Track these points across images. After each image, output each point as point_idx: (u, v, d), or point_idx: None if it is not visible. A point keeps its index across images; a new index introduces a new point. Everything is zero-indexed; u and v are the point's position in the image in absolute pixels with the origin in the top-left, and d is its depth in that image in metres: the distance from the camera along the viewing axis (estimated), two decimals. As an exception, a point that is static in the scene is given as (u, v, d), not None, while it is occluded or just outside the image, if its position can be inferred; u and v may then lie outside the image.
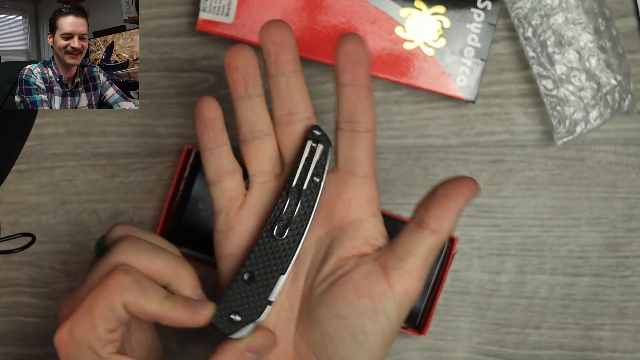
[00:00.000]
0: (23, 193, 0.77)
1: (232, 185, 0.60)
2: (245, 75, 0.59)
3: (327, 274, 0.59)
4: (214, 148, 0.60)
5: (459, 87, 0.73)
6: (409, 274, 0.58)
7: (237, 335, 0.59)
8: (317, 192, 0.59)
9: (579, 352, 0.76)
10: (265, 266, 0.59)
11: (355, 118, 0.59)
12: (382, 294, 0.58)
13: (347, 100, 0.59)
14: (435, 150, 0.76)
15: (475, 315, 0.76)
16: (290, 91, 0.59)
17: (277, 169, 0.61)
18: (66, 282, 0.77)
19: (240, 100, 0.60)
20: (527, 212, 0.76)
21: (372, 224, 0.60)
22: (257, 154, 0.60)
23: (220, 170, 0.60)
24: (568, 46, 0.73)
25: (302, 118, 0.60)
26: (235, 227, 0.61)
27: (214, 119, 0.59)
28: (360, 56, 0.58)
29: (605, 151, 0.75)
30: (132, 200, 0.76)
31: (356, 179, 0.60)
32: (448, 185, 0.57)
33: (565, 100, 0.73)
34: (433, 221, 0.57)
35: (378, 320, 0.58)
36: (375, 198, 0.60)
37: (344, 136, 0.59)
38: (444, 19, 0.73)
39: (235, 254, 0.61)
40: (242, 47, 0.59)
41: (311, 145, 0.59)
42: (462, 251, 0.76)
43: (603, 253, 0.76)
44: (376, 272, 0.58)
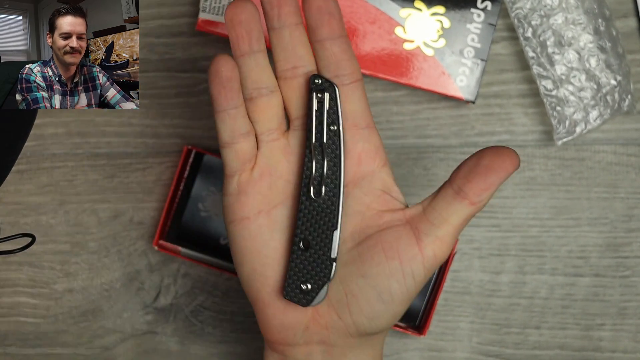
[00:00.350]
0: (23, 193, 0.77)
1: (247, 146, 0.59)
2: (249, 30, 0.57)
3: (351, 233, 0.60)
4: (230, 109, 0.58)
5: (458, 88, 0.73)
6: (440, 240, 0.58)
7: (314, 303, 0.59)
8: (339, 140, 0.58)
9: (579, 352, 0.76)
10: (316, 228, 0.59)
11: (343, 71, 0.58)
12: (412, 258, 0.58)
13: (330, 54, 0.58)
14: (436, 151, 0.76)
15: (475, 315, 0.76)
16: (294, 44, 0.58)
17: (283, 126, 0.60)
18: (66, 282, 0.77)
19: (245, 57, 0.58)
20: (527, 213, 0.76)
21: (385, 174, 0.60)
22: (264, 112, 0.59)
23: (236, 131, 0.59)
24: (568, 46, 0.73)
25: (307, 71, 0.59)
26: (248, 190, 0.59)
27: (231, 78, 0.57)
28: (332, 7, 0.58)
29: (605, 151, 0.75)
30: (132, 200, 0.76)
31: (361, 132, 0.59)
32: (492, 156, 0.57)
33: (565, 100, 0.73)
34: (474, 193, 0.57)
35: (405, 282, 0.58)
36: (381, 147, 0.60)
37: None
38: (443, 19, 0.73)
39: (248, 217, 0.60)
40: (243, 1, 0.57)
41: (317, 96, 0.58)
42: (462, 251, 0.76)
43: (603, 253, 0.76)
44: (407, 235, 0.58)
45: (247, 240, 0.60)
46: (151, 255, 0.76)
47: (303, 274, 0.59)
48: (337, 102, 0.58)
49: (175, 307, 0.76)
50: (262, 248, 0.60)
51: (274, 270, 0.60)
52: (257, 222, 0.60)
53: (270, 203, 0.60)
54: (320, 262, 0.59)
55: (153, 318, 0.77)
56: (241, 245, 0.60)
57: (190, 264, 0.76)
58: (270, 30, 0.58)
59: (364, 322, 0.59)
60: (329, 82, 0.58)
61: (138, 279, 0.76)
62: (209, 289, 0.77)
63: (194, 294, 0.76)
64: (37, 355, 0.77)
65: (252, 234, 0.60)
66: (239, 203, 0.60)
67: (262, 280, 0.60)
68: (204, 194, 0.75)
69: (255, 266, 0.60)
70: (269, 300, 0.60)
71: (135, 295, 0.77)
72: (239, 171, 0.59)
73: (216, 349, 0.76)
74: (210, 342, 0.76)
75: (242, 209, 0.60)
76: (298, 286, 0.59)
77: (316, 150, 0.59)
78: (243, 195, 0.59)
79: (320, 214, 0.59)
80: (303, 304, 0.59)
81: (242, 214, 0.60)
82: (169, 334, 0.77)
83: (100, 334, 0.77)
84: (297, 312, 0.60)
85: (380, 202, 0.60)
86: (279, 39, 0.58)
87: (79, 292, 0.77)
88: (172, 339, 0.77)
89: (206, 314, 0.76)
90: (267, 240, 0.60)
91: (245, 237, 0.60)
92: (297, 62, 0.59)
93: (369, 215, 0.60)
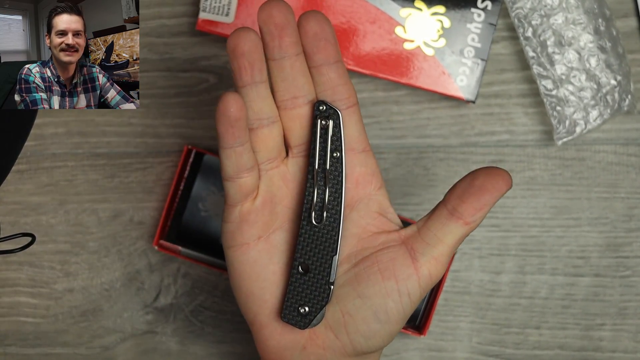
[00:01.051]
0: (23, 193, 0.77)
1: (250, 180, 0.59)
2: (252, 62, 0.57)
3: (348, 255, 0.60)
4: (237, 146, 0.58)
5: (459, 87, 0.73)
6: (436, 259, 0.59)
7: (311, 325, 0.59)
8: (341, 167, 0.59)
9: (579, 352, 0.76)
10: (316, 253, 0.59)
11: (339, 96, 0.59)
12: (407, 277, 0.59)
13: (327, 80, 0.58)
14: (436, 151, 0.76)
15: (475, 315, 0.76)
16: (294, 75, 0.58)
17: (283, 153, 0.60)
18: (66, 282, 0.77)
19: (247, 88, 0.58)
20: (528, 212, 0.76)
21: (381, 196, 0.60)
22: (265, 142, 0.59)
23: (241, 167, 0.59)
24: (568, 46, 0.73)
25: (306, 101, 0.59)
26: (250, 218, 0.60)
27: (239, 118, 0.57)
28: (328, 33, 0.58)
29: (605, 151, 0.75)
30: (132, 200, 0.76)
31: (358, 155, 0.60)
32: (485, 177, 0.58)
33: (565, 100, 0.73)
34: (468, 213, 0.58)
35: (401, 301, 0.59)
36: (377, 170, 0.60)
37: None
38: (444, 19, 0.73)
39: (247, 243, 0.60)
40: (246, 31, 0.57)
41: (322, 123, 0.59)
42: (462, 251, 0.76)
43: (603, 253, 0.76)
44: (403, 255, 0.59)
45: (245, 265, 0.60)
46: (151, 255, 0.76)
47: (301, 297, 0.59)
48: (341, 128, 0.59)
49: (175, 307, 0.76)
50: (261, 272, 0.60)
51: (271, 294, 0.60)
52: (256, 248, 0.60)
53: (270, 228, 0.60)
54: (318, 286, 0.59)
55: (153, 318, 0.77)
56: (240, 270, 0.60)
57: (190, 264, 0.76)
58: (270, 61, 0.58)
59: (360, 342, 0.59)
60: (332, 109, 0.59)
61: (138, 278, 0.76)
62: (209, 289, 0.76)
63: (194, 294, 0.76)
64: (37, 355, 0.77)
65: (251, 259, 0.60)
66: (240, 230, 0.60)
67: (260, 304, 0.60)
68: (204, 194, 0.75)
69: (253, 289, 0.60)
70: (266, 322, 0.60)
71: (135, 295, 0.77)
72: (241, 202, 0.60)
73: (216, 349, 0.76)
74: (210, 342, 0.76)
75: (242, 236, 0.60)
76: (296, 309, 0.59)
77: (318, 177, 0.59)
78: (245, 224, 0.60)
79: (320, 239, 0.59)
80: (301, 326, 0.59)
81: (242, 240, 0.60)
82: (169, 334, 0.77)
83: (100, 334, 0.77)
84: (294, 333, 0.60)
85: (377, 224, 0.60)
86: (280, 69, 0.58)
87: (79, 292, 0.77)
88: (172, 339, 0.77)
89: (206, 314, 0.76)
90: (266, 265, 0.60)
91: (244, 262, 0.60)
92: (297, 92, 0.59)
93: (365, 237, 0.60)
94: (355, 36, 0.73)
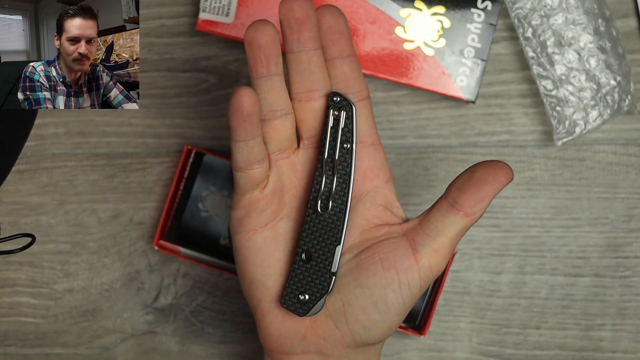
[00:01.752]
0: (23, 193, 0.77)
1: (261, 171, 0.60)
2: (268, 54, 0.57)
3: (350, 246, 0.61)
4: (248, 140, 0.58)
5: (459, 87, 0.73)
6: (436, 251, 0.59)
7: (310, 313, 0.60)
8: (350, 158, 0.59)
9: (579, 352, 0.76)
10: (319, 241, 0.60)
11: (351, 89, 0.59)
12: (408, 268, 0.59)
13: (340, 73, 0.59)
14: (436, 151, 0.76)
15: (475, 315, 0.76)
16: (311, 68, 0.59)
17: (294, 144, 0.61)
18: (66, 282, 0.77)
19: (261, 79, 0.58)
20: (527, 213, 0.76)
21: (388, 190, 0.61)
22: (277, 133, 0.59)
23: (252, 159, 0.59)
24: (568, 46, 0.73)
25: (321, 95, 0.59)
26: (258, 206, 0.60)
27: (252, 113, 0.57)
28: (342, 27, 0.58)
29: (605, 151, 0.75)
30: (132, 200, 0.76)
31: (367, 148, 0.60)
32: (484, 169, 0.58)
33: (565, 100, 0.73)
34: (468, 205, 0.58)
35: (401, 292, 0.59)
36: (385, 164, 0.61)
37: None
38: (444, 19, 0.73)
39: (254, 229, 0.61)
40: (263, 24, 0.57)
41: (334, 113, 0.59)
42: (462, 251, 0.76)
43: (603, 253, 0.76)
44: (404, 246, 0.59)
45: (251, 251, 0.61)
46: (151, 255, 0.76)
47: (302, 285, 0.60)
48: (353, 120, 0.59)
49: (175, 307, 0.76)
50: (265, 259, 0.61)
51: (275, 280, 0.61)
52: (262, 235, 0.61)
53: (277, 216, 0.61)
54: (320, 275, 0.60)
55: (153, 318, 0.77)
56: (245, 256, 0.61)
57: (190, 264, 0.76)
58: (287, 53, 0.59)
59: (360, 332, 0.60)
60: (346, 101, 0.59)
61: (138, 279, 0.76)
62: (209, 289, 0.76)
63: (194, 294, 0.76)
64: (37, 355, 0.77)
65: (256, 246, 0.61)
66: (248, 217, 0.61)
67: (263, 290, 0.61)
68: (204, 194, 0.75)
69: (257, 276, 0.61)
70: (268, 308, 0.61)
71: (135, 295, 0.77)
72: (250, 190, 0.60)
73: (216, 349, 0.76)
74: (210, 342, 0.76)
75: (250, 223, 0.61)
76: (296, 296, 0.60)
77: (327, 166, 0.59)
78: (253, 211, 0.61)
79: (325, 228, 0.60)
80: (299, 313, 0.60)
81: (250, 227, 0.61)
82: (169, 334, 0.77)
83: (100, 334, 0.77)
84: (295, 321, 0.61)
85: (381, 217, 0.61)
86: (297, 62, 0.59)
87: (79, 292, 0.77)
88: (172, 339, 0.77)
89: (206, 314, 0.76)
90: (271, 252, 0.61)
91: (250, 249, 0.61)
92: (312, 86, 0.59)
93: (368, 229, 0.61)
94: (355, 36, 0.73)
